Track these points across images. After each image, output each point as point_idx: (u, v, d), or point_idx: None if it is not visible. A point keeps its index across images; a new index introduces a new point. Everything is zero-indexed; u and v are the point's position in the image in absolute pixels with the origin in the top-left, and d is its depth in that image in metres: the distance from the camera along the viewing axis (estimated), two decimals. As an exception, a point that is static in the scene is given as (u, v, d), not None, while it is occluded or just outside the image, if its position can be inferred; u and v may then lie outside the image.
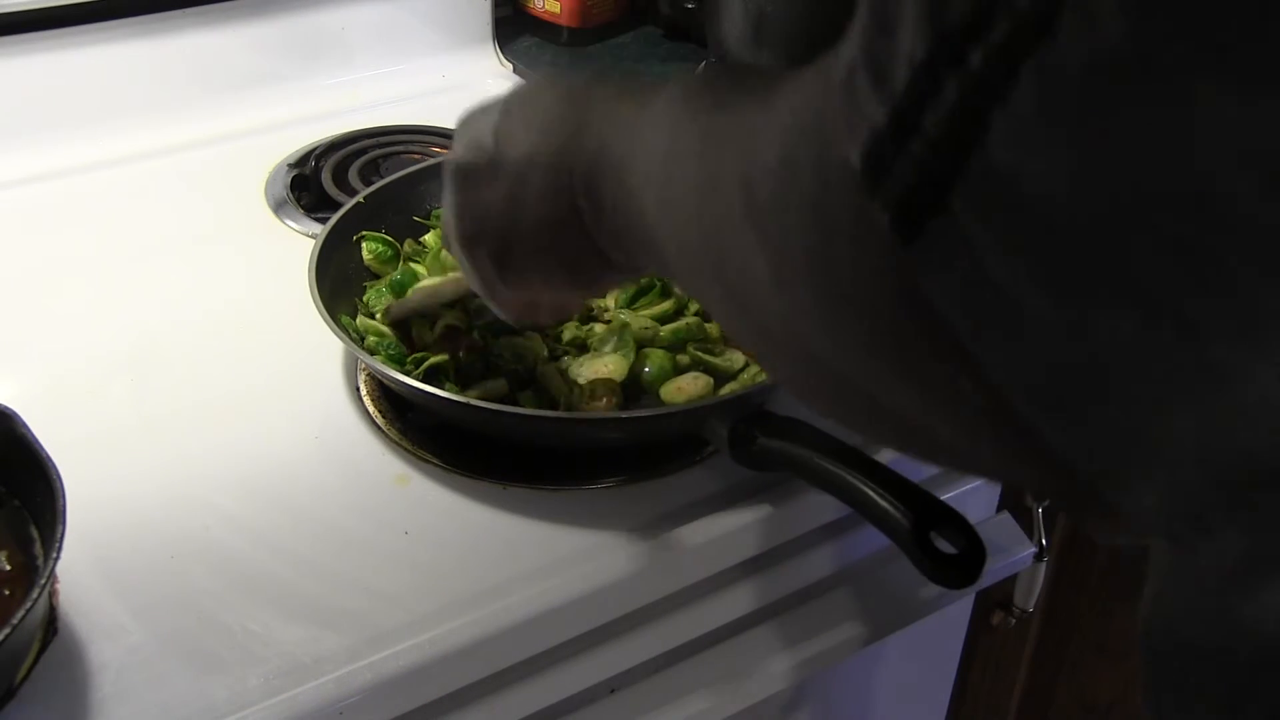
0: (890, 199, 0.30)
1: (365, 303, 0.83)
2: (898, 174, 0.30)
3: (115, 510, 0.69)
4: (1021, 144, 0.27)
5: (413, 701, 0.62)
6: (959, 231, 0.29)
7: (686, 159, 0.45)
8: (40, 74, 1.03)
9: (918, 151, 0.29)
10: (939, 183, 0.29)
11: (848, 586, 0.79)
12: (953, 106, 0.28)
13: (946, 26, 0.28)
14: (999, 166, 0.27)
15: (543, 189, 0.56)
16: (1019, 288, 0.28)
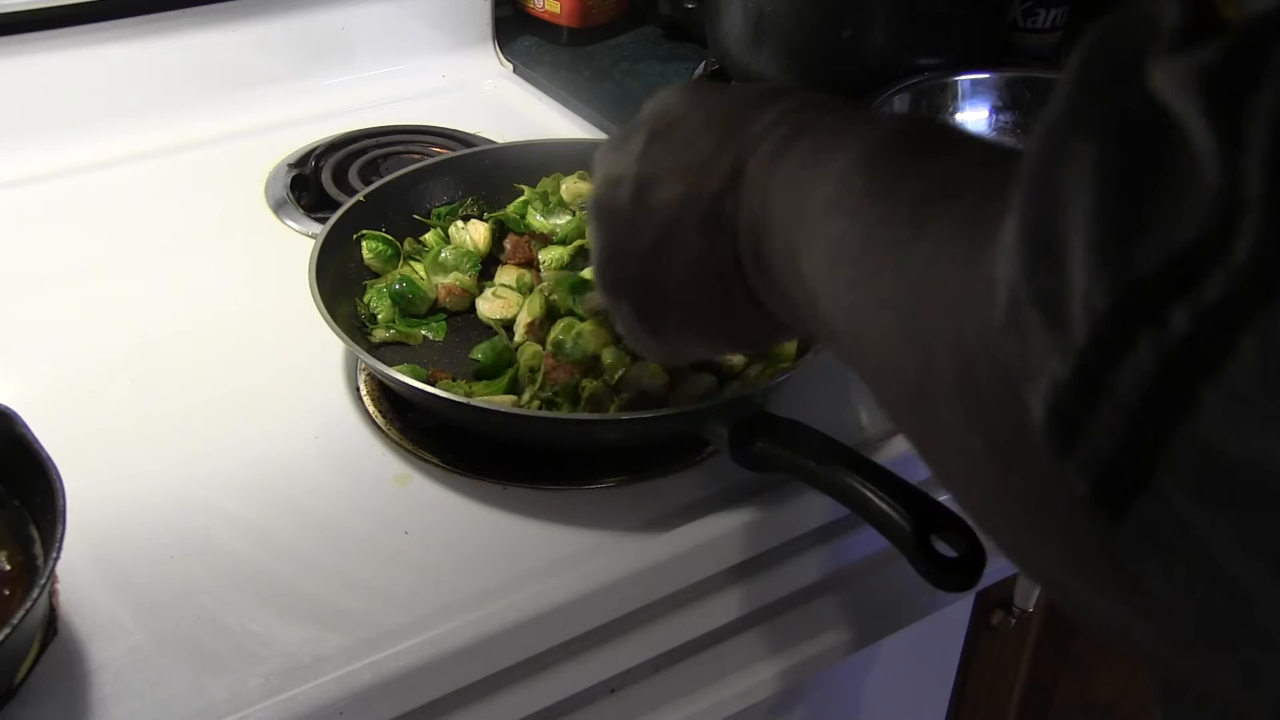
0: (1086, 469, 0.26)
1: (365, 303, 0.83)
2: (1092, 442, 0.26)
3: (115, 510, 0.69)
4: (1242, 423, 0.23)
5: (413, 701, 0.62)
6: (1172, 511, 0.25)
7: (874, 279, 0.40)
8: (40, 74, 1.03)
9: (1112, 419, 0.25)
10: (1141, 456, 0.25)
11: (848, 587, 0.79)
12: (1152, 374, 0.24)
13: (1135, 276, 0.24)
14: (1215, 444, 0.23)
15: (696, 243, 0.50)
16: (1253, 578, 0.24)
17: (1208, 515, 0.24)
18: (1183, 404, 0.24)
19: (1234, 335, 0.23)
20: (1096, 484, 0.26)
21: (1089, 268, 0.25)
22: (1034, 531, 0.31)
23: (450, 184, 0.92)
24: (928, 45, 1.07)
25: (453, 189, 0.92)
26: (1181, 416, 0.24)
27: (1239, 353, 0.23)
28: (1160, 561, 0.25)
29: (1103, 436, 0.25)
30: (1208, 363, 0.23)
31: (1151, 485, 0.25)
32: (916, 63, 1.06)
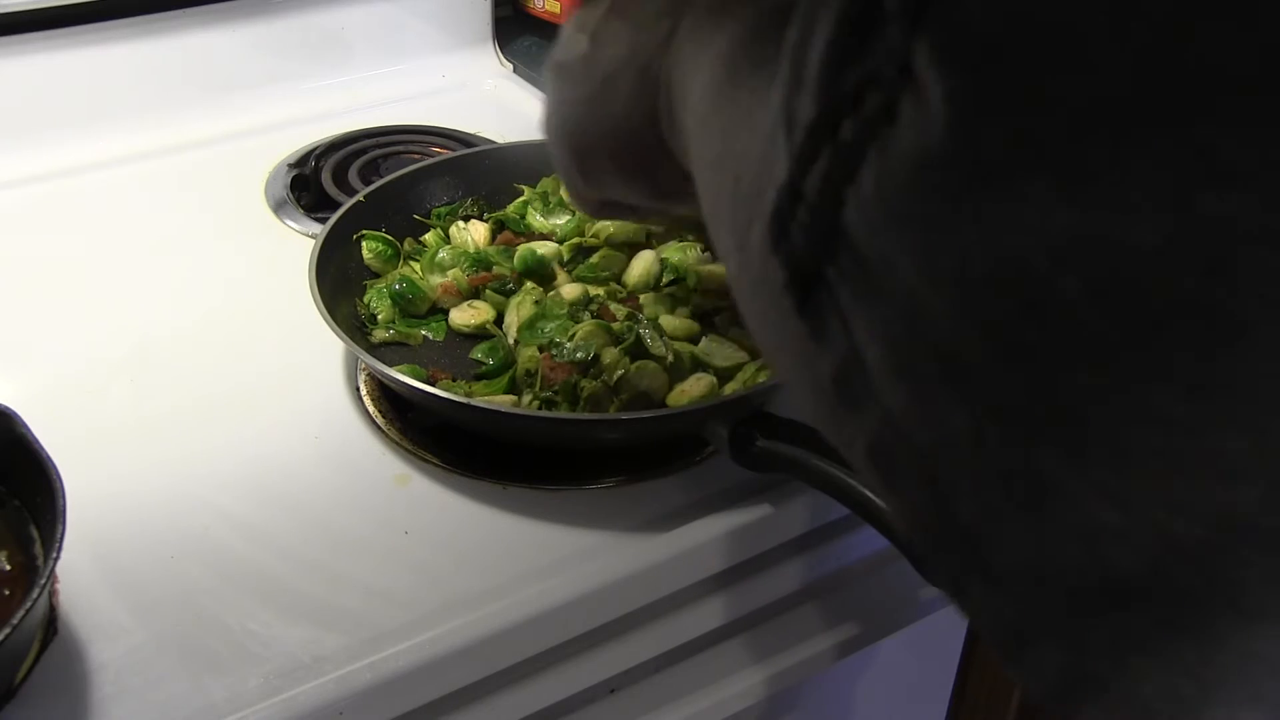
0: (785, 262, 0.30)
1: (365, 303, 0.83)
2: (790, 238, 0.30)
3: (115, 510, 0.69)
4: (868, 224, 0.27)
5: (413, 701, 0.62)
6: (835, 302, 0.28)
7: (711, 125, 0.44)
8: (40, 74, 1.03)
9: (802, 217, 0.29)
10: (816, 252, 0.28)
11: (848, 587, 0.79)
12: (823, 176, 0.28)
13: (834, 93, 0.28)
14: (857, 243, 0.27)
15: (629, 92, 0.56)
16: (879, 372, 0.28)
17: (855, 306, 0.28)
18: (837, 206, 0.27)
19: (866, 149, 0.26)
20: (789, 275, 0.30)
21: (813, 86, 0.28)
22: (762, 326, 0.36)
23: (450, 184, 0.92)
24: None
25: (453, 189, 0.92)
26: (837, 216, 0.27)
27: (865, 162, 0.26)
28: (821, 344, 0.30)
29: (796, 233, 0.29)
30: (849, 172, 0.27)
31: (823, 276, 0.29)
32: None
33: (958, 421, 0.26)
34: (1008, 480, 0.26)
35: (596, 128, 0.59)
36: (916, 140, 0.25)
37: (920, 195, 0.25)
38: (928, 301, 0.26)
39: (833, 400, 0.30)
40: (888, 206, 0.26)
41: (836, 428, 0.32)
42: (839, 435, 0.32)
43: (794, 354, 0.33)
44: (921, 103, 0.25)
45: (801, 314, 0.30)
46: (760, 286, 0.34)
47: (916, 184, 0.25)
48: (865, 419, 0.29)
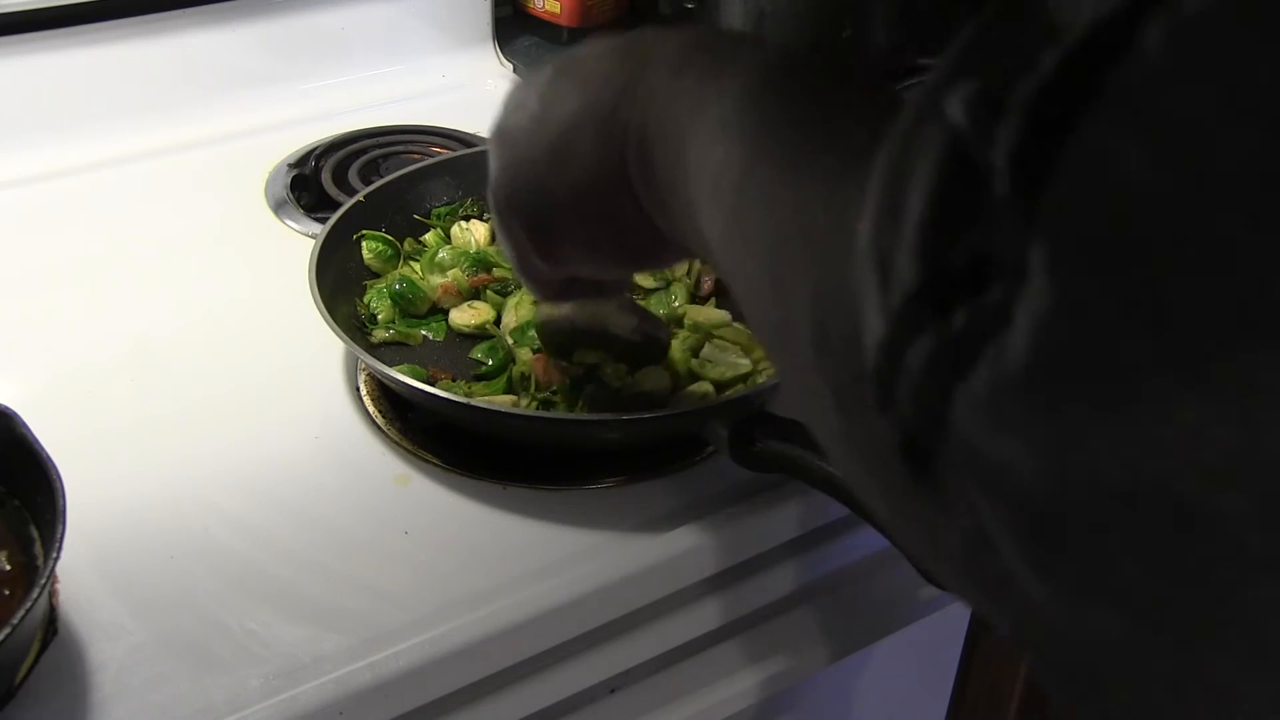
0: (895, 426, 0.28)
1: (365, 303, 0.83)
2: (897, 403, 0.27)
3: (115, 510, 0.69)
4: (981, 426, 0.25)
5: (413, 701, 0.62)
6: (957, 479, 0.26)
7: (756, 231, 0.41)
8: (40, 74, 1.03)
9: (905, 388, 0.27)
10: (928, 429, 0.26)
11: (848, 587, 0.79)
12: (926, 361, 0.26)
13: (940, 267, 0.26)
14: (969, 438, 0.25)
15: (588, 151, 0.51)
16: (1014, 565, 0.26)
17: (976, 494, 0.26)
18: (945, 399, 0.25)
19: (980, 349, 0.24)
20: (902, 441, 0.28)
21: (912, 247, 0.26)
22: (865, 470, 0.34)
23: (450, 184, 0.92)
24: (928, 45, 1.07)
25: (453, 189, 0.92)
26: (945, 408, 0.25)
27: (978, 364, 0.24)
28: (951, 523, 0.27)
29: (903, 400, 0.27)
30: (959, 368, 0.25)
31: (938, 455, 0.26)
32: (916, 62, 1.06)
33: (1111, 628, 0.24)
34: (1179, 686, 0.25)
35: (556, 193, 0.54)
36: (1032, 349, 0.23)
37: (1035, 407, 0.23)
38: (1056, 511, 0.24)
39: (965, 572, 0.28)
40: (1003, 413, 0.24)
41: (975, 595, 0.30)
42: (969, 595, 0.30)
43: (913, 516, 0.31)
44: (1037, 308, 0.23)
45: (918, 480, 0.28)
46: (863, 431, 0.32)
47: (1031, 395, 0.23)
48: (1003, 602, 0.27)
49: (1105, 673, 0.26)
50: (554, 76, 0.55)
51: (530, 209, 0.55)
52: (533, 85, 0.56)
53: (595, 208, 0.53)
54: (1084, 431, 0.23)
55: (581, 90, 0.52)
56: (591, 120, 0.51)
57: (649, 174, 0.50)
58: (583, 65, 0.54)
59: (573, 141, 0.52)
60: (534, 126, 0.54)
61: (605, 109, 0.51)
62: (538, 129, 0.54)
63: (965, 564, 0.28)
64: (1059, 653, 0.27)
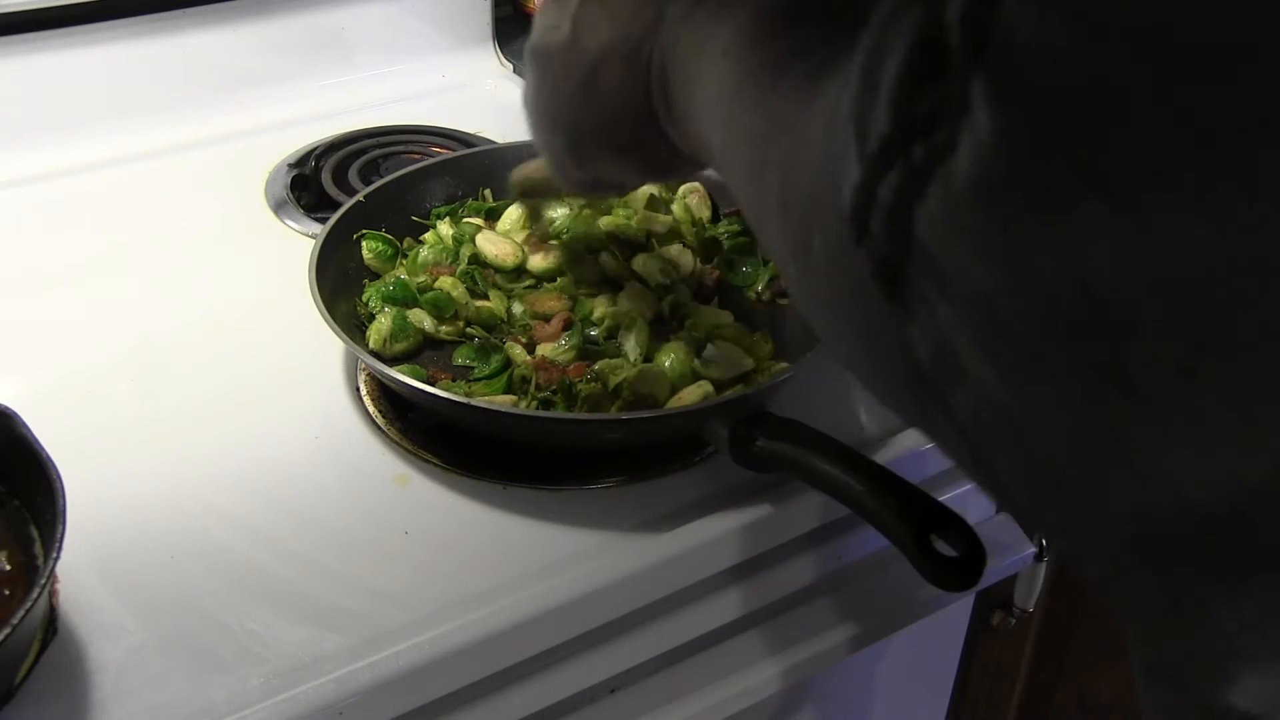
0: (869, 254, 0.33)
1: (365, 302, 0.83)
2: (871, 235, 0.33)
3: (115, 510, 0.69)
4: (937, 238, 0.30)
5: (413, 701, 0.62)
6: (921, 293, 0.31)
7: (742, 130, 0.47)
8: (40, 74, 1.03)
9: (879, 219, 0.32)
10: (897, 249, 0.31)
11: (847, 587, 0.79)
12: (895, 190, 0.31)
13: (907, 115, 0.30)
14: (930, 251, 0.30)
15: (618, 80, 0.58)
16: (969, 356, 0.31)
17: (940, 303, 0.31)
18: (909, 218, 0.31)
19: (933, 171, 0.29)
20: (876, 266, 0.33)
21: (886, 102, 0.31)
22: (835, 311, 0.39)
23: (450, 184, 0.92)
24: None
25: (453, 189, 0.92)
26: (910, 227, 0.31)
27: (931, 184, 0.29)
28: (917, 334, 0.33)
29: (876, 230, 0.32)
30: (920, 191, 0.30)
31: (905, 272, 0.32)
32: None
33: (1049, 397, 0.29)
34: (1102, 442, 0.29)
35: (589, 115, 0.61)
36: (974, 170, 0.28)
37: (978, 217, 0.29)
38: (1000, 304, 0.29)
39: (927, 374, 0.33)
40: (951, 225, 0.29)
41: (927, 407, 0.35)
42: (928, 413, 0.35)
43: (880, 339, 0.36)
44: (978, 135, 0.28)
45: (891, 300, 0.33)
46: (839, 276, 0.37)
47: (973, 208, 0.29)
48: (962, 394, 0.32)
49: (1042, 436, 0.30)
50: (585, 1, 0.61)
51: (566, 125, 0.63)
52: (565, 9, 0.62)
53: (622, 128, 0.60)
54: (1019, 236, 0.28)
55: (611, 21, 0.59)
56: (620, 51, 0.58)
57: (668, 99, 0.57)
58: None
59: (604, 70, 0.59)
60: (568, 52, 0.61)
61: (632, 42, 0.58)
62: (572, 54, 0.61)
63: (932, 367, 0.32)
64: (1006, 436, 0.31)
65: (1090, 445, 0.29)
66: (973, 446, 0.33)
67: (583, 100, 0.61)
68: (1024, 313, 0.28)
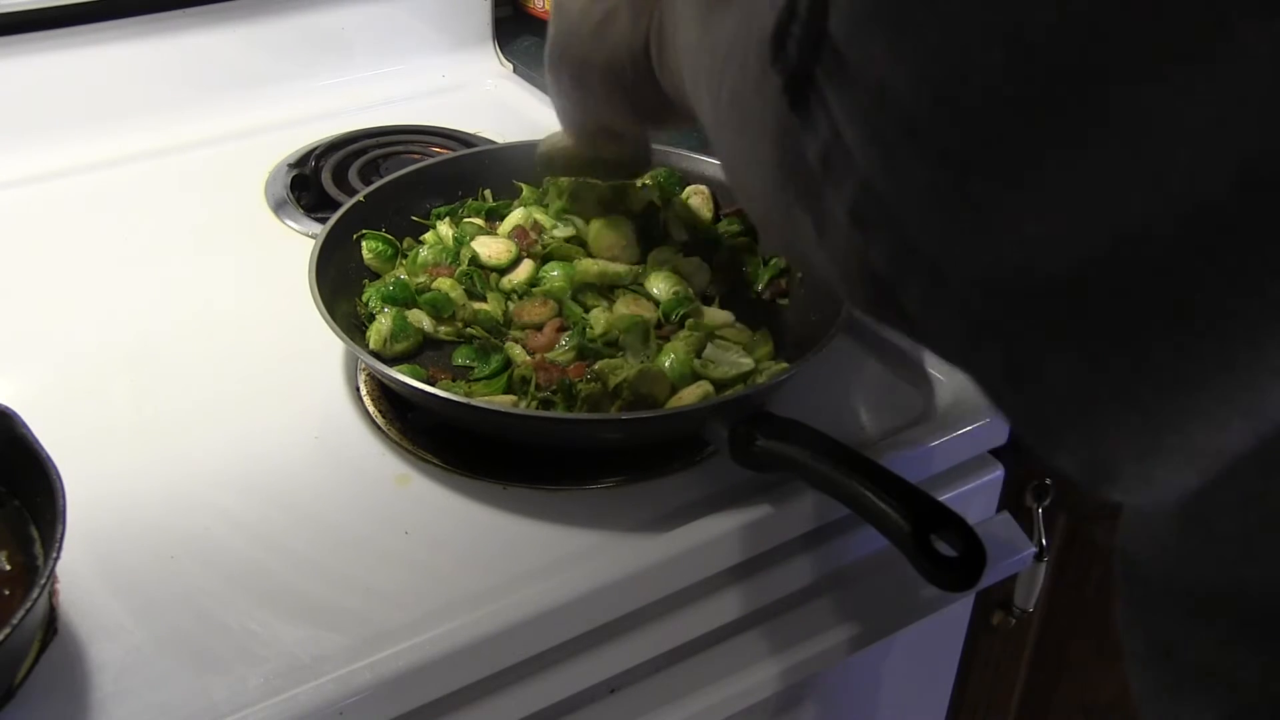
0: (783, 70, 0.36)
1: (365, 302, 0.83)
2: (787, 51, 0.36)
3: (115, 510, 0.69)
4: (846, 26, 0.33)
5: (413, 701, 0.62)
6: (821, 97, 0.35)
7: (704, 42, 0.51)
8: (40, 74, 1.03)
9: (795, 31, 0.35)
10: (807, 57, 0.35)
11: (847, 587, 0.78)
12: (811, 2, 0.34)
13: None
14: (839, 44, 0.33)
15: (625, 28, 0.66)
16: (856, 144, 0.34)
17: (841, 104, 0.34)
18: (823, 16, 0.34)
19: None
20: (785, 80, 0.36)
21: None
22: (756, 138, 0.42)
23: (450, 184, 0.92)
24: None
25: (453, 189, 0.92)
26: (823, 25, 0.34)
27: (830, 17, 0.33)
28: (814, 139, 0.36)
29: (790, 46, 0.36)
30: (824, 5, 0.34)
31: (812, 77, 0.35)
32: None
33: (917, 170, 0.33)
34: (960, 208, 0.32)
35: (597, 57, 0.69)
36: None
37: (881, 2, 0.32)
38: (892, 83, 0.32)
39: (818, 177, 0.37)
40: (859, 11, 0.33)
41: (817, 202, 0.38)
42: (818, 209, 0.38)
43: (780, 147, 0.40)
44: None
45: (794, 109, 0.36)
46: (754, 104, 0.41)
47: None
48: (846, 186, 0.35)
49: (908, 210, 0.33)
50: None
51: (575, 67, 0.71)
52: None
53: (624, 73, 0.67)
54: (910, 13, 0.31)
55: None
56: (629, 6, 0.66)
57: (662, 52, 0.63)
58: None
59: (613, 20, 0.67)
60: (587, 4, 0.69)
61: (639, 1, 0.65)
62: (590, 6, 0.68)
63: (821, 166, 0.36)
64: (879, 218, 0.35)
65: (950, 214, 0.32)
66: (845, 240, 0.37)
67: (594, 43, 0.68)
68: (908, 87, 0.32)
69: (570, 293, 0.82)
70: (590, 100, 0.72)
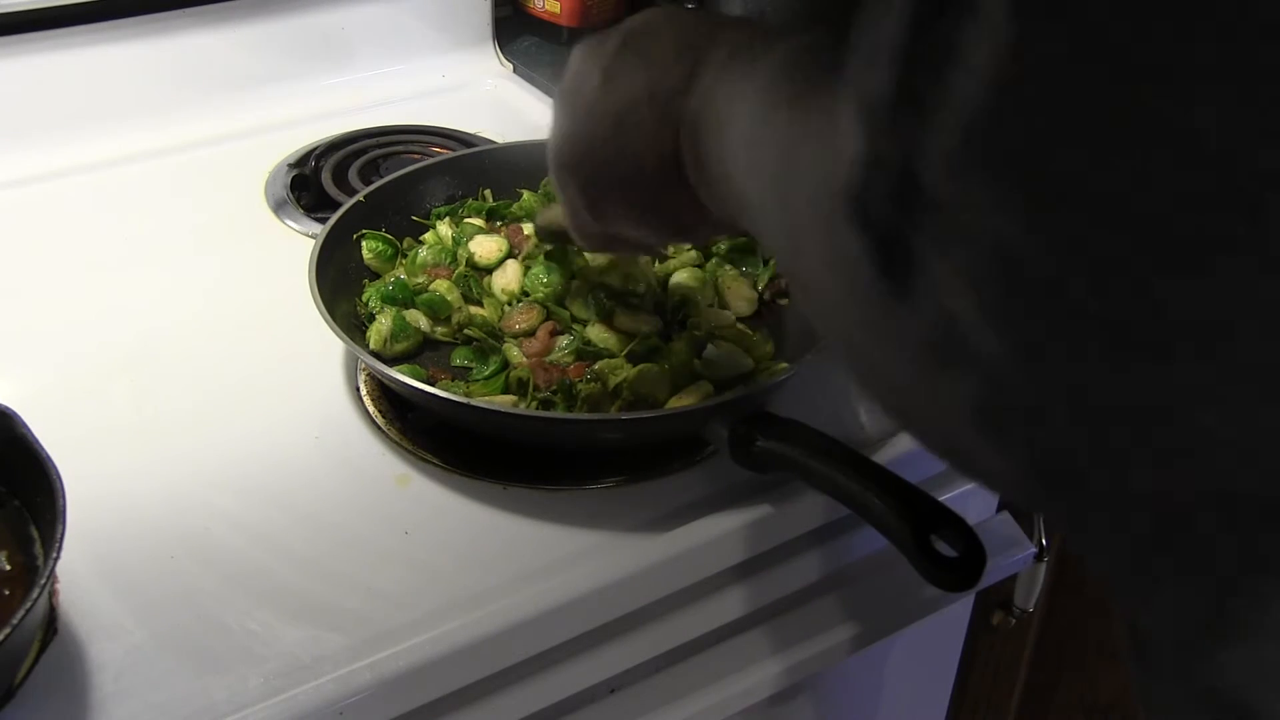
0: (867, 231, 0.31)
1: (365, 302, 0.83)
2: (869, 206, 0.31)
3: (115, 510, 0.69)
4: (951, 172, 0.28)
5: (413, 701, 0.62)
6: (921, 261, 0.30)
7: (768, 146, 0.45)
8: (39, 74, 1.03)
9: (879, 183, 0.30)
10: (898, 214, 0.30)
11: (847, 587, 0.79)
12: (902, 137, 0.29)
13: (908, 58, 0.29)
14: (941, 195, 0.28)
15: (648, 131, 0.56)
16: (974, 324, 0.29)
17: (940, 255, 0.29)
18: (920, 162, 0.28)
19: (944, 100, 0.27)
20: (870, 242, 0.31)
21: (883, 67, 0.30)
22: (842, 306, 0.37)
23: (450, 184, 0.92)
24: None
25: (453, 189, 0.92)
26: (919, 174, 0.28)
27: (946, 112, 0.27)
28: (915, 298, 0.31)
29: (874, 201, 0.31)
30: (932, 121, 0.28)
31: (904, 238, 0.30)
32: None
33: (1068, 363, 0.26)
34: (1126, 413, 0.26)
35: (613, 166, 0.58)
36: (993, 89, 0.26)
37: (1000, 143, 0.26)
38: (1017, 249, 0.26)
39: (927, 363, 0.31)
40: (968, 161, 0.27)
41: (932, 395, 0.32)
42: (934, 403, 0.33)
43: (877, 324, 0.34)
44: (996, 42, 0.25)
45: (886, 276, 0.31)
46: (836, 266, 0.35)
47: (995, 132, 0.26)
48: (966, 378, 0.30)
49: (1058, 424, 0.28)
50: (619, 50, 0.59)
51: (587, 173, 0.60)
52: (599, 56, 0.60)
53: (647, 182, 0.58)
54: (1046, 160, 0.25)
55: (646, 73, 0.56)
56: (651, 104, 0.56)
57: (698, 154, 0.54)
58: (647, 47, 0.58)
59: (633, 120, 0.57)
60: (598, 98, 0.58)
61: (664, 96, 0.55)
62: (601, 101, 0.58)
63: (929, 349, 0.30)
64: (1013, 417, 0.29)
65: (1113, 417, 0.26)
66: (971, 440, 0.31)
67: (608, 149, 0.58)
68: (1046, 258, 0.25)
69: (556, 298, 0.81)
70: (606, 214, 0.62)
